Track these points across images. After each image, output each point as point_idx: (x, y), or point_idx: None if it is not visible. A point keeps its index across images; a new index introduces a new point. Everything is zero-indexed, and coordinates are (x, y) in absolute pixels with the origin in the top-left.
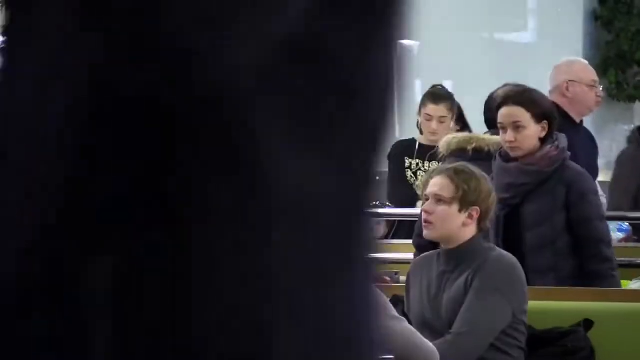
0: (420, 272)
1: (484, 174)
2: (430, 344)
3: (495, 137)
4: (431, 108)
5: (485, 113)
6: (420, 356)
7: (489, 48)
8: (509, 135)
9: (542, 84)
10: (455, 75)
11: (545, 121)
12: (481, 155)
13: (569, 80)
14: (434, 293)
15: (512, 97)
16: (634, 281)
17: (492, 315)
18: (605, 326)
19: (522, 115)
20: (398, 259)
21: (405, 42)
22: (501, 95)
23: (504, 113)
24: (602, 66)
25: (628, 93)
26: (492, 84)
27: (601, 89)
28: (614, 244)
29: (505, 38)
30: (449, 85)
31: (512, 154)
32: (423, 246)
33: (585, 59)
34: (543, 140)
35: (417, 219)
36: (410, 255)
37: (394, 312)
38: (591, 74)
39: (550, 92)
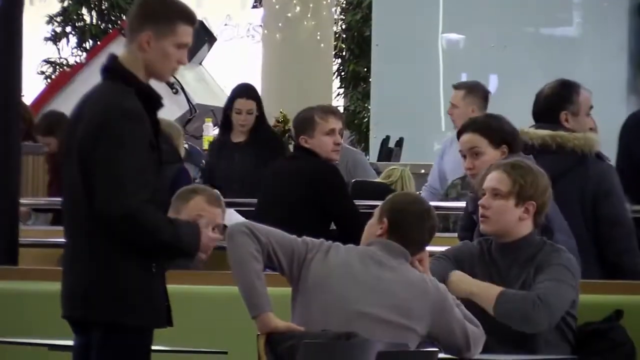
0: (463, 261)
1: (541, 169)
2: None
3: (540, 131)
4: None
5: (533, 106)
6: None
7: (534, 42)
8: (468, 162)
9: (587, 78)
10: (500, 70)
11: (505, 145)
12: (524, 148)
13: None
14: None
15: (469, 125)
16: None
17: (563, 294)
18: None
19: (479, 141)
20: None
21: (451, 36)
22: (463, 124)
23: (462, 140)
24: None
25: None
26: (537, 78)
27: None
28: None
29: (550, 33)
30: (494, 80)
31: (472, 181)
32: (469, 240)
33: (630, 54)
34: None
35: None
36: None
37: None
38: None
39: None
